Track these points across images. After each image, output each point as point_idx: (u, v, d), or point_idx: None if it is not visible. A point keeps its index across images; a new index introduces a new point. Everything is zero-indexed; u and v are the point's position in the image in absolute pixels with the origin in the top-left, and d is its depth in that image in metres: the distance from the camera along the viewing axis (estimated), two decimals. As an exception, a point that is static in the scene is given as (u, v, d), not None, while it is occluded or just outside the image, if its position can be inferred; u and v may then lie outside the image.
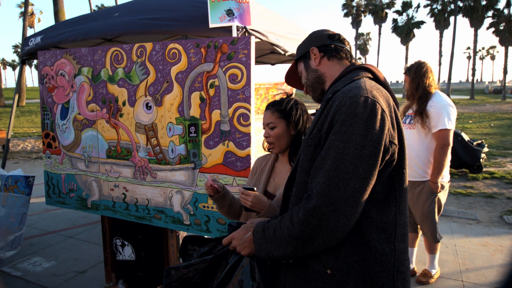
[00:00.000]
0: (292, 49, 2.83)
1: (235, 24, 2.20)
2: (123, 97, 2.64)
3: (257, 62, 4.54)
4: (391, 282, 1.10)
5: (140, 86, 2.55)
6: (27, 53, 3.54)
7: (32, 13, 41.68)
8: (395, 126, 1.11)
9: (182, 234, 2.78)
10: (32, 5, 44.18)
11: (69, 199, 3.11)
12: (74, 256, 4.05)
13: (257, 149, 3.69)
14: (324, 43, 1.36)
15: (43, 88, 3.05)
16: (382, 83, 1.23)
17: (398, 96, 42.09)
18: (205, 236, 2.89)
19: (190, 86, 2.32)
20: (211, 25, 2.22)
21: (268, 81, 3.84)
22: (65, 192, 3.11)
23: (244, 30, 2.23)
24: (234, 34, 2.23)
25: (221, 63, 2.16)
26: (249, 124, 2.16)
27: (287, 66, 1.57)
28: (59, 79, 2.93)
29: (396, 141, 1.10)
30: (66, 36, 3.19)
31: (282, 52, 2.82)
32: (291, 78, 1.57)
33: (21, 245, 3.09)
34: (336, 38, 1.37)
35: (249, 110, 2.14)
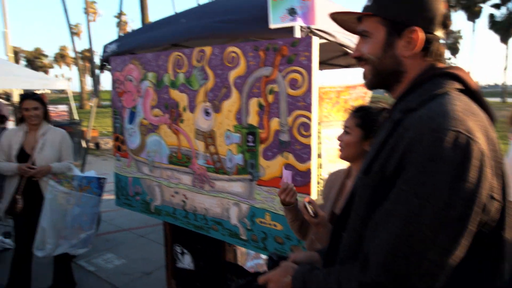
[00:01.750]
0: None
1: (297, 24, 1.98)
2: (183, 102, 2.58)
3: (327, 65, 4.23)
4: None
5: (199, 92, 2.47)
6: (105, 59, 3.72)
7: (126, 22, 45.92)
8: (496, 172, 0.78)
9: (241, 249, 2.63)
10: (125, 14, 48.73)
11: (135, 201, 3.17)
12: (143, 256, 4.18)
13: (327, 158, 3.41)
14: (432, 29, 0.90)
15: (114, 93, 3.15)
16: (476, 97, 0.87)
17: (496, 100, 37.53)
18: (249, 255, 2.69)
19: (248, 92, 2.15)
20: (271, 26, 2.03)
21: (339, 84, 3.54)
22: (132, 194, 3.18)
23: (308, 30, 2.00)
24: (297, 35, 2.01)
25: (281, 67, 1.96)
26: (310, 135, 1.92)
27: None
28: (128, 84, 3.00)
29: (498, 195, 0.79)
30: (138, 42, 3.27)
31: (355, 53, 2.52)
32: (342, 17, 1.06)
33: (92, 244, 3.24)
34: (446, 28, 0.93)
35: (310, 119, 1.90)
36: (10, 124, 4.45)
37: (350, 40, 2.42)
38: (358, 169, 1.56)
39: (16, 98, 8.61)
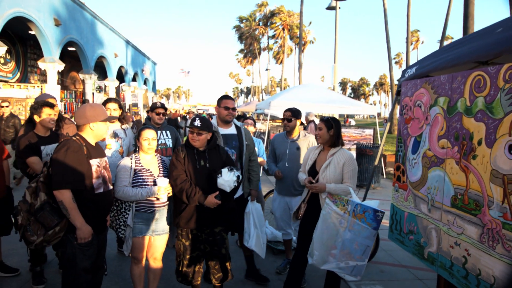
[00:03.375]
0: None
1: None
2: (479, 134, 2.04)
3: None
4: None
5: (504, 121, 1.86)
6: (401, 84, 3.57)
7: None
8: None
9: None
10: (451, 38, 46.32)
11: (408, 240, 2.83)
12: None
13: None
14: None
15: (401, 119, 2.95)
16: None
17: None
18: None
19: None
20: None
21: None
22: (406, 232, 2.86)
23: None
24: None
25: None
26: None
27: None
28: (416, 110, 2.72)
29: None
30: (436, 64, 2.92)
31: None
32: None
33: (361, 275, 3.13)
34: None
35: None
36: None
37: None
38: None
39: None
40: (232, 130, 3.64)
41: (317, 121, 9.66)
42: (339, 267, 3.08)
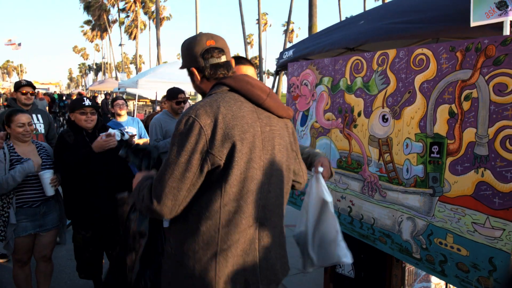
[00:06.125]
0: None
1: (508, 18, 1.69)
2: (359, 107, 2.53)
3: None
4: None
5: (378, 97, 2.37)
6: (281, 65, 3.99)
7: (292, 30, 48.48)
8: (224, 138, 1.33)
9: (409, 267, 2.43)
10: (293, 23, 51.43)
11: (299, 201, 3.29)
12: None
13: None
14: (199, 64, 1.48)
15: (289, 97, 3.34)
16: (244, 93, 1.41)
17: None
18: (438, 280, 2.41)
19: (437, 97, 1.95)
20: (473, 24, 1.79)
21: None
22: (297, 194, 3.31)
23: (525, 25, 1.67)
24: (507, 32, 1.71)
25: (484, 69, 1.70)
26: (520, 151, 1.61)
27: None
28: (303, 88, 3.13)
29: (217, 151, 1.33)
30: (312, 48, 3.39)
31: None
32: None
33: None
34: (209, 56, 1.45)
35: (521, 132, 1.59)
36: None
37: None
38: None
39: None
40: None
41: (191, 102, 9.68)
42: None
